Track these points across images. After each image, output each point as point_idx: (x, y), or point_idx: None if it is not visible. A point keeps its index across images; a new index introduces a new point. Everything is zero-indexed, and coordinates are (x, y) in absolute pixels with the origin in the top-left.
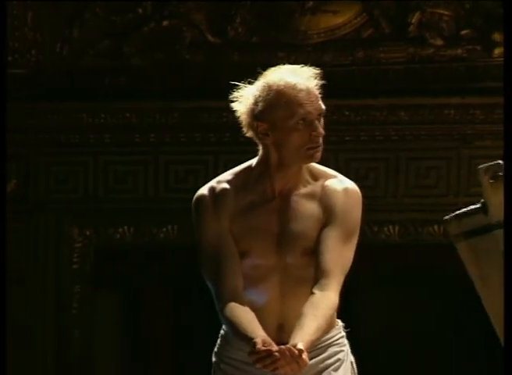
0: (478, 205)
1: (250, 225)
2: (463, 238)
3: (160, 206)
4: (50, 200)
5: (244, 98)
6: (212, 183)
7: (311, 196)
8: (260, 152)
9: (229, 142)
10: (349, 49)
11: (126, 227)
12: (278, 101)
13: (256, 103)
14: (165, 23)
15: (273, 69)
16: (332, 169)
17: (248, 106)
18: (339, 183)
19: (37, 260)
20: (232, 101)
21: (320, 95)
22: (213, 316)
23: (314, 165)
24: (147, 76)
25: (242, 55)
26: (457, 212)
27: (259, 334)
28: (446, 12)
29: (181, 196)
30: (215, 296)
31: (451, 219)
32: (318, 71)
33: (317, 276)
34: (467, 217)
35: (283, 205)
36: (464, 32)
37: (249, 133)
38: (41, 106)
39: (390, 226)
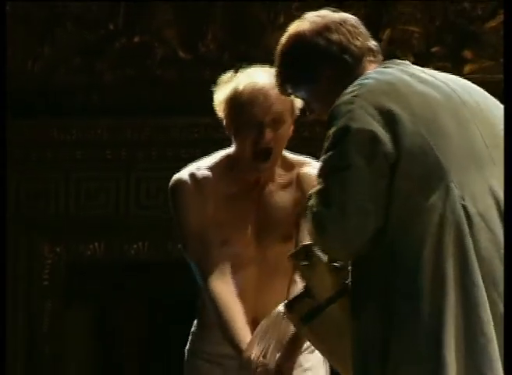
0: (301, 291)
1: (231, 214)
2: (301, 325)
3: (131, 223)
4: (21, 216)
5: (219, 95)
6: (192, 169)
7: (286, 185)
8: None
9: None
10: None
11: (96, 244)
12: (233, 99)
13: (222, 99)
14: (136, 39)
15: (242, 70)
16: None
17: (219, 103)
18: (313, 170)
19: (7, 276)
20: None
21: (281, 98)
22: (187, 330)
23: (289, 155)
24: (119, 93)
25: (213, 71)
26: (286, 301)
27: (250, 348)
28: (417, 29)
29: (152, 213)
30: (201, 273)
31: (285, 310)
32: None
33: None
34: (297, 304)
35: (261, 195)
36: (434, 49)
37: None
38: (13, 123)
39: None
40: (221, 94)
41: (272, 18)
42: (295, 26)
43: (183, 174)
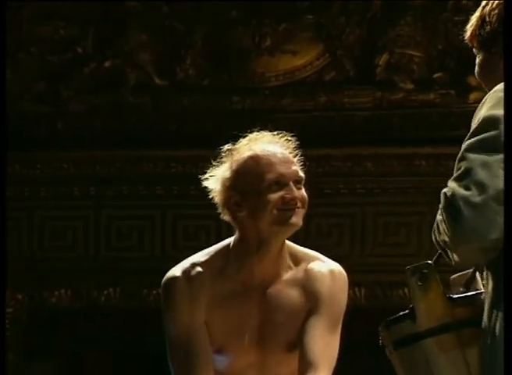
0: (406, 311)
1: (228, 319)
2: (392, 349)
3: (101, 266)
4: None
5: (218, 175)
6: (186, 264)
7: (293, 283)
8: (237, 232)
9: (178, 195)
10: (310, 93)
11: (62, 290)
12: (247, 167)
13: (227, 175)
14: (107, 63)
15: (248, 137)
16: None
17: (221, 181)
18: (323, 265)
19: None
20: (205, 174)
21: (298, 163)
22: None
23: (295, 247)
24: (87, 123)
25: (192, 99)
26: (387, 318)
27: None
28: (417, 54)
29: (124, 255)
30: None
31: (381, 327)
32: (292, 140)
33: (302, 370)
34: (395, 325)
35: (265, 295)
36: (436, 75)
37: (225, 215)
38: None
39: (356, 289)
40: (222, 171)
41: (257, 41)
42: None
43: (177, 271)
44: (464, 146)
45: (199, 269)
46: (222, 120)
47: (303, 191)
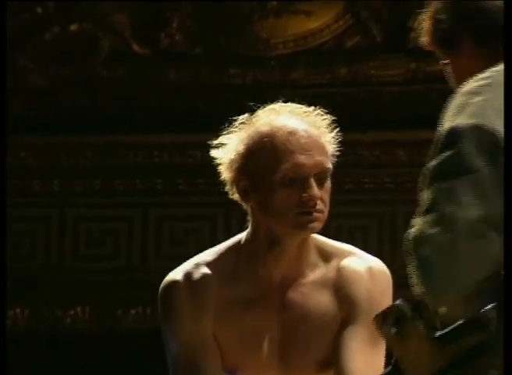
0: (389, 368)
1: (242, 330)
2: None
3: (67, 280)
4: None
5: (229, 146)
6: (188, 266)
7: (322, 284)
8: (249, 224)
9: (162, 191)
10: (327, 64)
11: (18, 310)
12: (261, 148)
13: (238, 151)
14: (73, 27)
15: (269, 107)
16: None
17: (230, 156)
18: (359, 262)
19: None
20: (213, 147)
21: (332, 150)
22: None
23: (323, 239)
24: (50, 101)
25: (180, 71)
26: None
27: None
28: None
29: (96, 266)
30: None
31: None
32: (330, 117)
33: None
34: None
35: (286, 300)
36: None
37: (234, 196)
38: None
39: None
40: (234, 144)
41: (261, 0)
42: None
43: (178, 274)
44: (429, 170)
45: (205, 270)
46: (218, 98)
47: (327, 188)
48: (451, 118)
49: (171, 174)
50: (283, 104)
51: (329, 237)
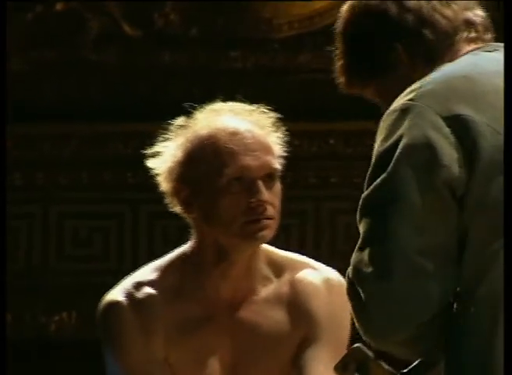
0: None
1: (193, 352)
2: None
3: (51, 283)
4: None
5: (166, 154)
6: (128, 285)
7: (275, 300)
8: (193, 236)
9: (155, 185)
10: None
11: None
12: (201, 153)
13: (176, 158)
14: (58, 6)
15: (205, 109)
16: (311, 226)
17: (169, 164)
18: (315, 274)
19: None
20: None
21: (279, 150)
22: None
23: (274, 251)
24: (33, 87)
25: (175, 54)
26: None
27: None
28: None
29: (83, 267)
30: None
31: None
32: (275, 115)
33: None
34: None
35: (237, 319)
36: None
37: (176, 208)
38: None
39: None
40: (171, 151)
41: None
42: None
43: (118, 294)
44: (361, 199)
45: (148, 289)
46: (216, 84)
47: (277, 191)
48: (380, 144)
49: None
50: (223, 103)
51: (339, 238)
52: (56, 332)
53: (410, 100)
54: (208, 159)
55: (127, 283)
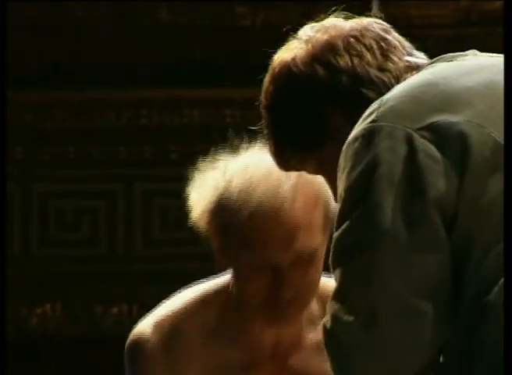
0: None
1: None
2: None
3: (33, 271)
4: None
5: (206, 188)
6: (160, 316)
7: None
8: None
9: (151, 160)
10: (358, 3)
11: None
12: (229, 217)
13: (212, 199)
14: None
15: (246, 156)
16: None
17: (202, 206)
18: None
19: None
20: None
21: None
22: None
23: (327, 282)
24: (12, 47)
25: (174, 10)
26: None
27: None
28: None
29: (69, 253)
30: None
31: None
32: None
33: None
34: None
35: (282, 368)
36: None
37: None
38: None
39: None
40: (206, 191)
41: None
42: (283, 52)
43: (147, 327)
44: (334, 243)
45: (182, 324)
46: (220, 44)
47: (309, 273)
48: (347, 174)
49: (162, 139)
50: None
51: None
52: (38, 326)
53: (372, 122)
54: (234, 221)
55: (159, 313)
